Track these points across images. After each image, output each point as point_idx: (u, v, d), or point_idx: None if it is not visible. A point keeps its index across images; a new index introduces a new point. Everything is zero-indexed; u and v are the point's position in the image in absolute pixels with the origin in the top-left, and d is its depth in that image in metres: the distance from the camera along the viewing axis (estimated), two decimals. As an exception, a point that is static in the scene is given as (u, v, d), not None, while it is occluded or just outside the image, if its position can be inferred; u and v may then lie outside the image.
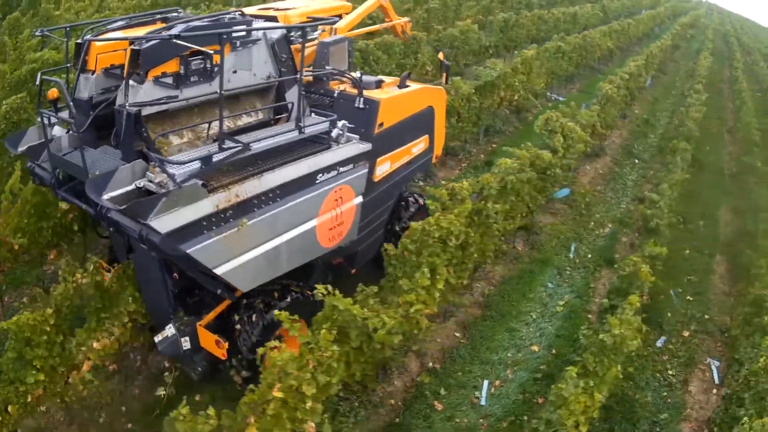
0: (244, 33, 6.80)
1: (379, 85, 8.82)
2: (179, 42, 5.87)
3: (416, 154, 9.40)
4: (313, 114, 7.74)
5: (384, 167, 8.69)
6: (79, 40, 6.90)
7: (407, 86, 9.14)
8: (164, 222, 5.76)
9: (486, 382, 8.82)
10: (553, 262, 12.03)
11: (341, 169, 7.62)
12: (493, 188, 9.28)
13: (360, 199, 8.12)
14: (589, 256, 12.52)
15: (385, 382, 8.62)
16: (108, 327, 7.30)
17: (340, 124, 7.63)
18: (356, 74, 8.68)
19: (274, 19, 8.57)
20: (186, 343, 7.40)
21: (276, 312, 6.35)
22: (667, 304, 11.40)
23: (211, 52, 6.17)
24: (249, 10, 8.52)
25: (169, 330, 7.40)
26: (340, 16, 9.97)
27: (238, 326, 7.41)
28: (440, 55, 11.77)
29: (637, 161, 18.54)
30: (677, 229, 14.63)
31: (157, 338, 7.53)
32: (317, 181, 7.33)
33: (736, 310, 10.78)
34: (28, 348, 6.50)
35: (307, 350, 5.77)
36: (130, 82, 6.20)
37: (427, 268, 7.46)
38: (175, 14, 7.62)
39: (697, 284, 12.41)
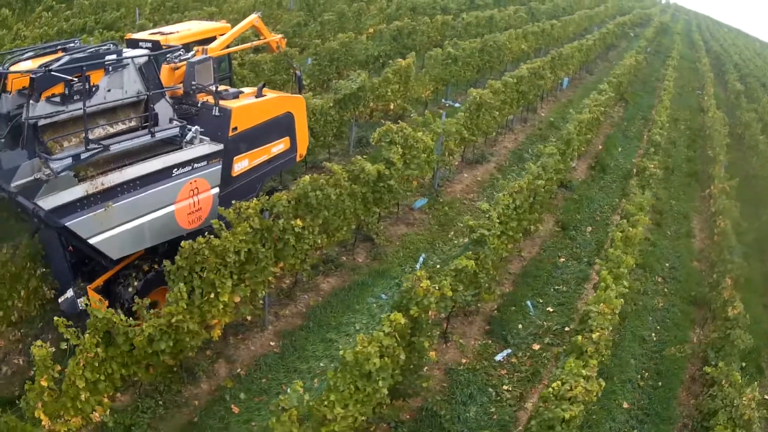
0: (114, 59, 9.42)
1: (237, 95, 11.57)
2: (55, 73, 8.60)
3: (276, 153, 12.03)
4: (174, 122, 10.32)
5: (242, 164, 11.31)
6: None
7: (263, 95, 11.74)
8: (47, 201, 8.64)
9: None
10: (394, 273, 12.96)
11: (195, 165, 10.31)
12: (283, 205, 10.27)
13: (216, 190, 10.77)
14: (438, 266, 13.42)
15: (192, 384, 9.94)
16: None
17: (193, 129, 10.32)
18: (213, 88, 11.01)
19: (157, 43, 11.32)
20: (82, 304, 10.03)
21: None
22: (519, 317, 12.40)
23: (74, 79, 8.76)
24: (139, 35, 11.86)
25: (69, 293, 10.20)
26: (215, 38, 12.22)
27: (126, 283, 10.17)
28: (294, 69, 14.40)
29: (525, 167, 19.83)
30: (557, 235, 15.97)
31: (60, 299, 10.31)
32: (173, 174, 10.03)
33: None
34: None
35: (78, 351, 7.73)
36: (30, 101, 8.70)
37: (192, 282, 9.00)
38: (73, 45, 10.19)
39: (564, 294, 13.46)
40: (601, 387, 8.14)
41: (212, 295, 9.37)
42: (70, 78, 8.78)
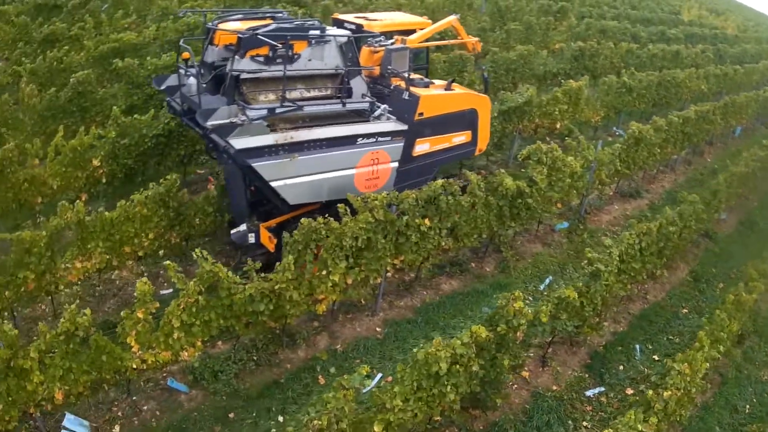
0: (318, 34, 10.84)
1: (427, 85, 12.79)
2: (261, 38, 10.13)
3: (457, 143, 13.22)
4: (366, 98, 11.66)
5: (423, 147, 12.50)
6: (209, 24, 11.36)
7: (452, 90, 12.94)
8: (238, 142, 10.03)
9: (379, 375, 10.65)
10: (515, 288, 13.10)
11: (379, 139, 11.59)
12: (410, 203, 11.02)
13: (395, 164, 12.04)
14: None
15: (290, 348, 10.93)
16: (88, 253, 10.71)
17: (381, 107, 11.62)
18: (407, 75, 12.32)
19: (360, 26, 12.79)
20: (252, 238, 11.62)
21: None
22: (623, 357, 12.50)
23: (277, 45, 10.22)
24: (345, 16, 13.38)
25: (242, 227, 11.70)
26: (414, 31, 13.51)
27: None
28: (483, 72, 16.10)
29: (678, 197, 19.48)
30: (686, 285, 15.80)
31: (233, 231, 11.87)
32: (357, 142, 11.36)
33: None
34: (27, 254, 9.73)
35: (182, 294, 8.69)
36: (236, 56, 10.25)
37: (306, 257, 9.90)
38: (280, 15, 11.87)
39: (676, 345, 13.26)
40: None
41: (324, 273, 10.13)
42: (274, 43, 10.15)
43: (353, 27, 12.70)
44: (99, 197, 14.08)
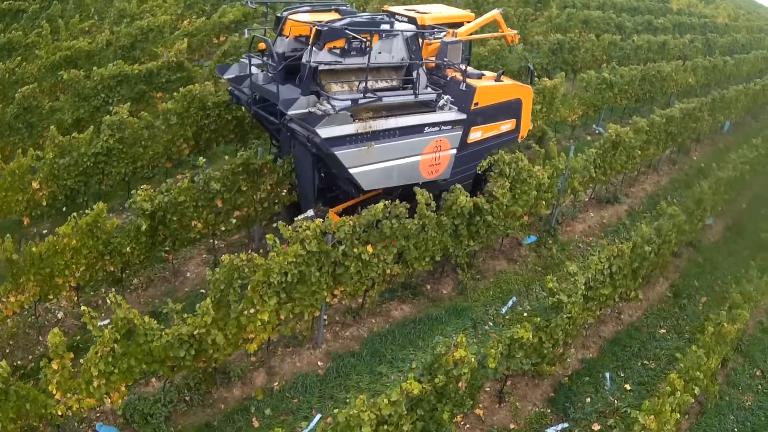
0: (387, 28, 11.14)
1: (480, 77, 13.20)
2: (347, 30, 10.51)
3: (503, 131, 13.62)
4: (429, 89, 12.09)
5: (476, 135, 12.89)
6: (279, 14, 11.72)
7: (501, 81, 13.33)
8: (324, 131, 10.24)
9: (318, 416, 9.68)
10: (475, 313, 12.35)
11: (443, 127, 12.05)
12: (346, 232, 9.88)
13: (454, 151, 12.46)
14: (525, 314, 12.57)
15: (225, 386, 10.04)
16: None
17: (445, 97, 12.07)
18: (463, 67, 12.77)
19: (414, 19, 12.95)
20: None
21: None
22: (590, 389, 11.40)
23: (358, 37, 10.64)
24: (396, 9, 13.60)
25: (309, 212, 11.91)
26: (461, 24, 13.88)
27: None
28: (529, 64, 16.35)
29: (657, 208, 18.21)
30: (666, 302, 14.59)
31: (299, 216, 11.74)
32: (424, 131, 11.78)
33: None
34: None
35: (98, 341, 8.10)
36: (314, 48, 10.48)
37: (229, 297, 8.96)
38: (344, 8, 12.05)
39: (651, 371, 12.24)
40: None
41: (252, 311, 9.20)
42: (355, 36, 10.62)
43: (405, 19, 12.95)
44: (43, 218, 13.38)
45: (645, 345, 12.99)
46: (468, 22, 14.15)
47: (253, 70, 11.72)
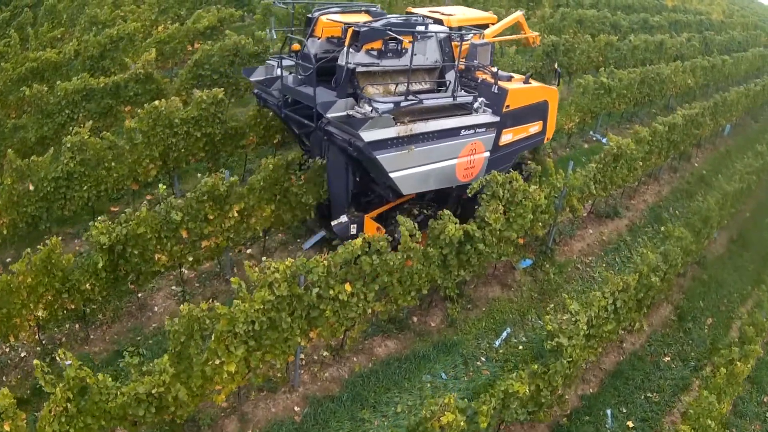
0: (423, 29, 10.98)
1: (509, 79, 13.02)
2: (388, 31, 10.35)
3: (532, 133, 13.49)
4: (461, 90, 11.92)
5: (507, 137, 12.75)
6: (309, 14, 11.59)
7: (529, 83, 13.14)
8: (368, 134, 9.97)
9: None
10: (466, 348, 11.37)
11: (477, 130, 11.87)
12: (320, 273, 8.81)
13: (487, 154, 12.31)
14: (521, 348, 11.71)
15: None
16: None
17: (480, 100, 11.85)
18: (494, 69, 12.68)
19: (440, 21, 12.74)
20: (353, 230, 11.60)
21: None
22: (590, 429, 10.53)
23: (406, 40, 10.57)
24: (420, 10, 13.40)
25: (343, 218, 11.66)
26: (487, 25, 13.86)
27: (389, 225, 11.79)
28: (555, 65, 15.78)
29: (662, 228, 17.14)
30: (670, 326, 13.64)
31: (334, 222, 11.72)
32: (461, 134, 11.59)
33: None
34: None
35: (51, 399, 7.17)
36: (350, 49, 10.26)
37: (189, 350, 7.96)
38: (374, 9, 11.87)
39: (655, 405, 11.41)
40: None
41: (217, 362, 8.23)
42: (396, 36, 10.50)
43: (430, 21, 12.48)
44: (6, 246, 12.42)
45: (648, 376, 12.12)
46: (491, 23, 14.16)
47: (278, 72, 11.73)
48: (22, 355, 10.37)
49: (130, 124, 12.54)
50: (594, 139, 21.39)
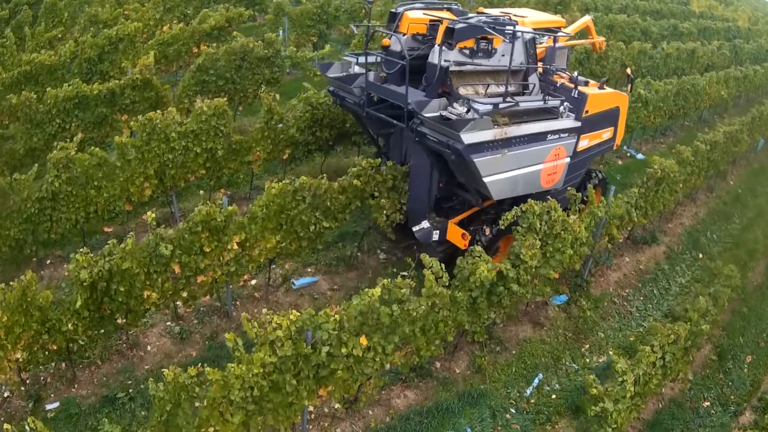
0: (513, 30, 10.50)
1: (586, 84, 12.66)
2: (486, 29, 10.11)
3: (604, 139, 13.15)
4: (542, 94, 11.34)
5: (584, 142, 12.34)
6: (393, 9, 11.37)
7: (604, 89, 12.83)
8: (468, 136, 9.58)
9: None
10: (492, 397, 10.05)
11: (562, 135, 11.49)
12: (329, 331, 7.46)
13: (568, 159, 11.89)
14: (554, 397, 10.42)
15: None
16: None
17: (565, 104, 11.47)
18: (574, 73, 12.35)
19: (515, 22, 11.87)
20: (436, 236, 11.27)
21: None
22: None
23: (502, 38, 10.33)
24: (491, 11, 12.56)
25: (425, 224, 11.29)
26: (558, 29, 13.14)
27: (484, 226, 11.33)
28: (627, 70, 15.03)
29: (701, 255, 15.85)
30: (710, 366, 12.28)
31: (416, 228, 11.36)
32: (547, 138, 11.20)
33: None
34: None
35: None
36: (443, 48, 9.96)
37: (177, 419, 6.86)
38: (456, 7, 11.49)
39: None
40: None
41: (210, 430, 6.99)
42: (492, 34, 10.16)
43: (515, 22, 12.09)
44: None
45: (688, 425, 10.79)
46: (559, 27, 13.46)
47: (358, 69, 11.42)
48: (6, 395, 9.30)
49: (120, 139, 11.24)
50: (628, 155, 19.99)
